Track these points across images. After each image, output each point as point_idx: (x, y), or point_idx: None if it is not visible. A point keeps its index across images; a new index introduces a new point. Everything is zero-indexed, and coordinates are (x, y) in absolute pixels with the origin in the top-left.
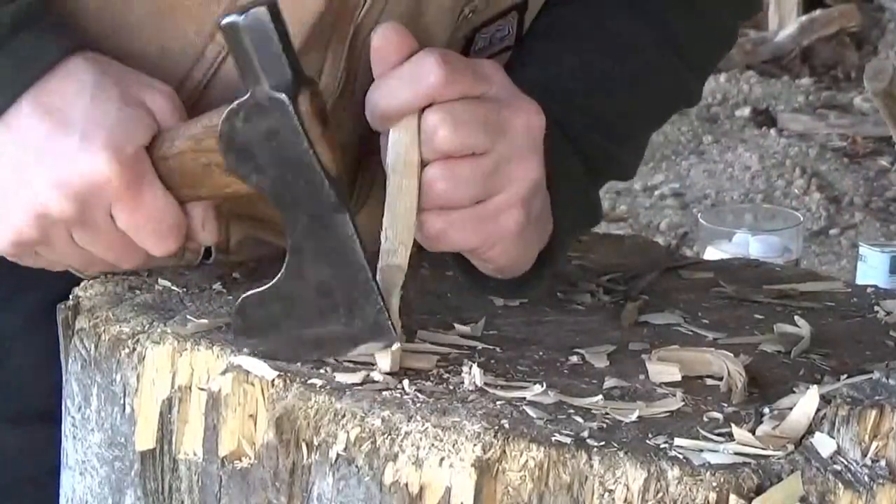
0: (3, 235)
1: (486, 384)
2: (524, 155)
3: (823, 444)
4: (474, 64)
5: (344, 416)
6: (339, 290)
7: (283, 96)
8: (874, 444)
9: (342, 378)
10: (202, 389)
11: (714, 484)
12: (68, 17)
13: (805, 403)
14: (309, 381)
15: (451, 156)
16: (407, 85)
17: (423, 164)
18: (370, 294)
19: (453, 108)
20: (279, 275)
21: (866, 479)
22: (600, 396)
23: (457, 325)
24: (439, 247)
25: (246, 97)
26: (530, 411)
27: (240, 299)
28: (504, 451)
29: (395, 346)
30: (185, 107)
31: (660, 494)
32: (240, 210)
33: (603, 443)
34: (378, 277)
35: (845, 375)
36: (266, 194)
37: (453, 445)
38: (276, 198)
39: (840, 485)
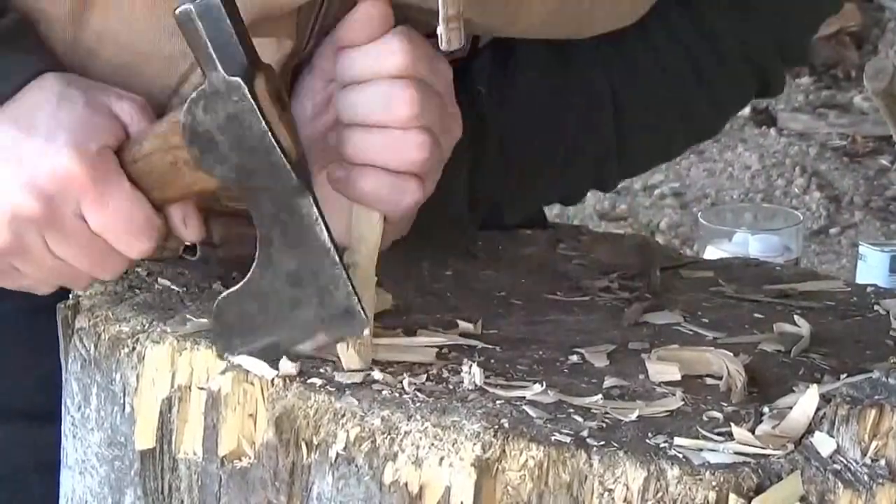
0: None
1: (485, 383)
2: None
3: (823, 443)
4: (433, 55)
5: (344, 415)
6: (308, 278)
7: (238, 80)
8: (874, 444)
9: (342, 378)
10: (202, 389)
11: (714, 483)
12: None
13: (805, 403)
14: (309, 381)
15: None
16: (372, 60)
17: None
18: (338, 279)
19: (417, 84)
20: (251, 270)
21: (866, 478)
22: (600, 396)
23: (457, 324)
24: (339, 189)
25: (204, 85)
26: (530, 411)
27: (216, 302)
28: (504, 451)
29: (366, 332)
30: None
31: (659, 494)
32: (216, 207)
33: (603, 442)
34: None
35: (845, 375)
36: (231, 185)
37: (453, 445)
38: (240, 187)
39: (840, 484)
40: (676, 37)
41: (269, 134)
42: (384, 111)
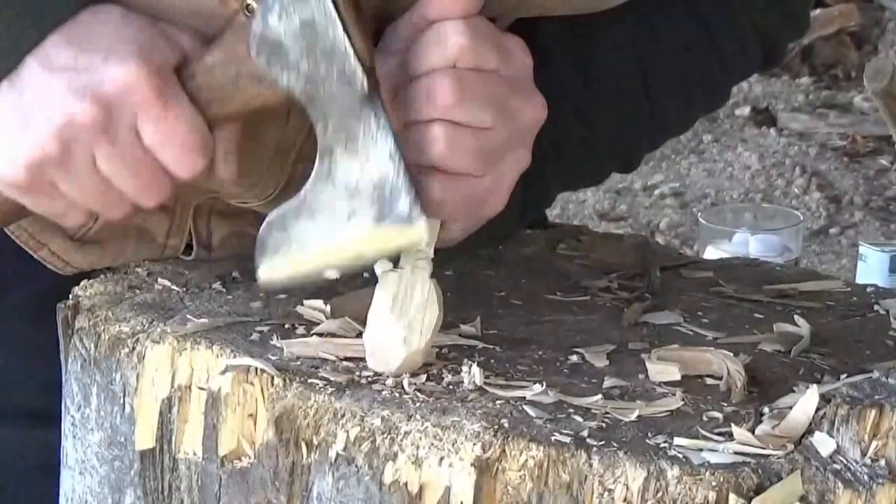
0: (20, 154)
1: (485, 383)
2: (521, 144)
3: (823, 443)
4: (499, 37)
5: (343, 415)
6: (367, 188)
7: None
8: (874, 444)
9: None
10: (202, 389)
11: (714, 483)
12: None
13: (805, 403)
14: (309, 381)
15: (455, 121)
16: (430, 47)
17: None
18: (401, 189)
19: (465, 75)
20: (305, 185)
21: (866, 478)
22: (600, 396)
23: (457, 325)
24: (435, 216)
25: None
26: (530, 411)
27: (265, 221)
28: (504, 451)
29: (424, 242)
30: None
31: (659, 494)
32: (223, 207)
33: (602, 442)
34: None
35: (845, 375)
36: (297, 95)
37: (453, 445)
38: (306, 96)
39: (840, 484)
40: (694, 9)
41: (346, 39)
42: (419, 106)
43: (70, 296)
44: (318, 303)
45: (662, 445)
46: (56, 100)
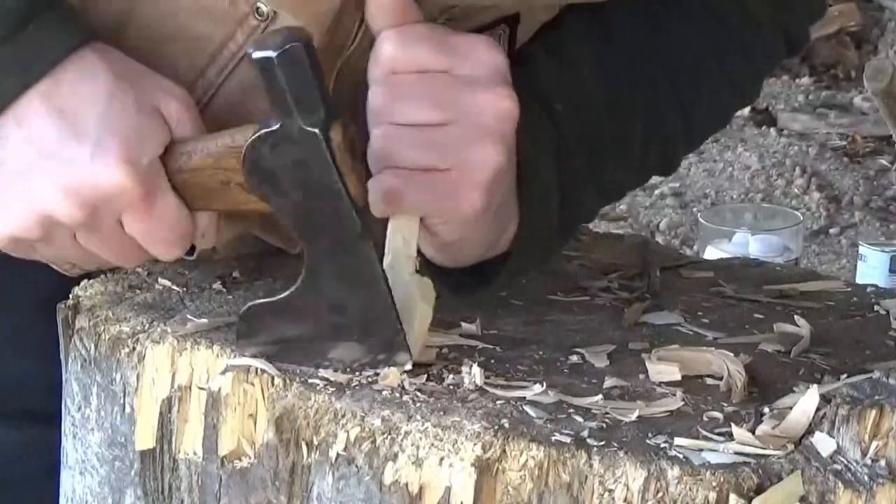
0: (1, 229)
1: (485, 384)
2: (486, 137)
3: (823, 443)
4: (454, 38)
5: (344, 415)
6: (354, 311)
7: (316, 131)
8: (874, 444)
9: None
10: (202, 389)
11: (714, 483)
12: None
13: (805, 403)
14: (309, 381)
15: (394, 122)
16: (370, 64)
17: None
18: (388, 318)
19: (401, 79)
20: (292, 289)
21: (866, 478)
22: (600, 396)
23: (457, 324)
24: (392, 207)
25: (276, 127)
26: (530, 411)
27: (247, 306)
28: (504, 451)
29: (408, 365)
30: None
31: (660, 494)
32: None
33: (603, 442)
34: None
35: (845, 375)
36: (287, 218)
37: (453, 445)
38: (296, 222)
39: (840, 484)
40: (706, 3)
41: (340, 184)
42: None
43: (70, 296)
44: None
45: (663, 446)
46: (40, 193)
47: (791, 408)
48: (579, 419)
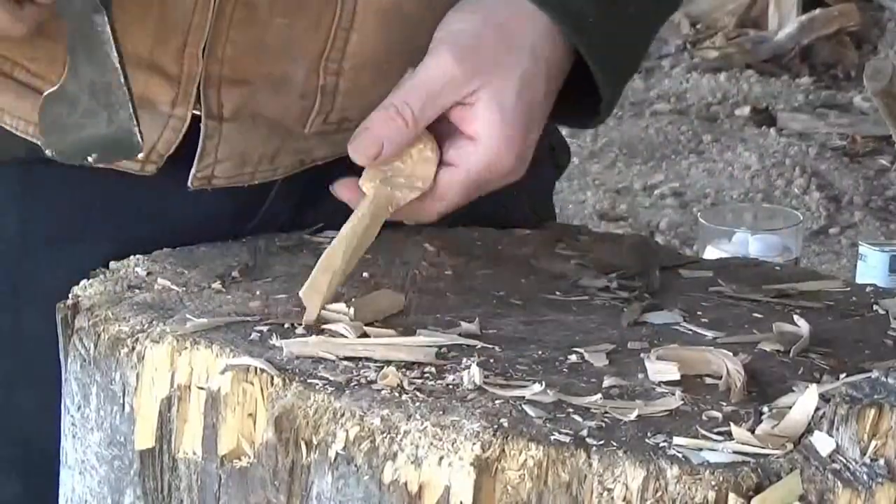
0: None
1: (485, 383)
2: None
3: (822, 442)
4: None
5: (343, 415)
6: (102, 92)
7: None
8: (873, 443)
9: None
10: (201, 388)
11: (713, 483)
12: None
13: (804, 402)
14: (308, 381)
15: None
16: None
17: None
18: (122, 99)
19: None
20: (64, 74)
21: (865, 477)
22: (599, 395)
23: (457, 324)
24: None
25: None
26: (529, 410)
27: (42, 98)
28: (503, 450)
29: (140, 155)
30: None
31: (659, 493)
32: (233, 74)
33: (602, 442)
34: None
35: (844, 374)
36: None
37: (452, 444)
38: None
39: (839, 484)
40: None
41: None
42: None
43: (70, 295)
44: (341, 305)
45: (662, 445)
46: None
47: (790, 407)
48: (578, 418)
